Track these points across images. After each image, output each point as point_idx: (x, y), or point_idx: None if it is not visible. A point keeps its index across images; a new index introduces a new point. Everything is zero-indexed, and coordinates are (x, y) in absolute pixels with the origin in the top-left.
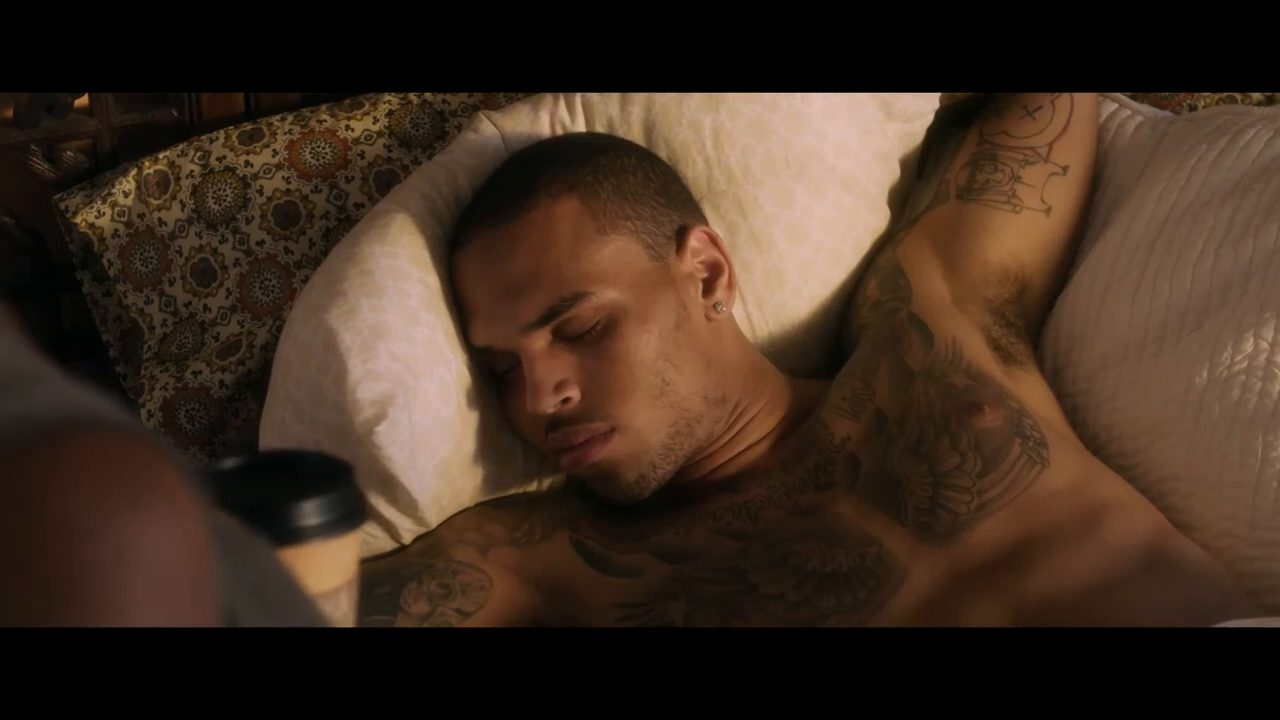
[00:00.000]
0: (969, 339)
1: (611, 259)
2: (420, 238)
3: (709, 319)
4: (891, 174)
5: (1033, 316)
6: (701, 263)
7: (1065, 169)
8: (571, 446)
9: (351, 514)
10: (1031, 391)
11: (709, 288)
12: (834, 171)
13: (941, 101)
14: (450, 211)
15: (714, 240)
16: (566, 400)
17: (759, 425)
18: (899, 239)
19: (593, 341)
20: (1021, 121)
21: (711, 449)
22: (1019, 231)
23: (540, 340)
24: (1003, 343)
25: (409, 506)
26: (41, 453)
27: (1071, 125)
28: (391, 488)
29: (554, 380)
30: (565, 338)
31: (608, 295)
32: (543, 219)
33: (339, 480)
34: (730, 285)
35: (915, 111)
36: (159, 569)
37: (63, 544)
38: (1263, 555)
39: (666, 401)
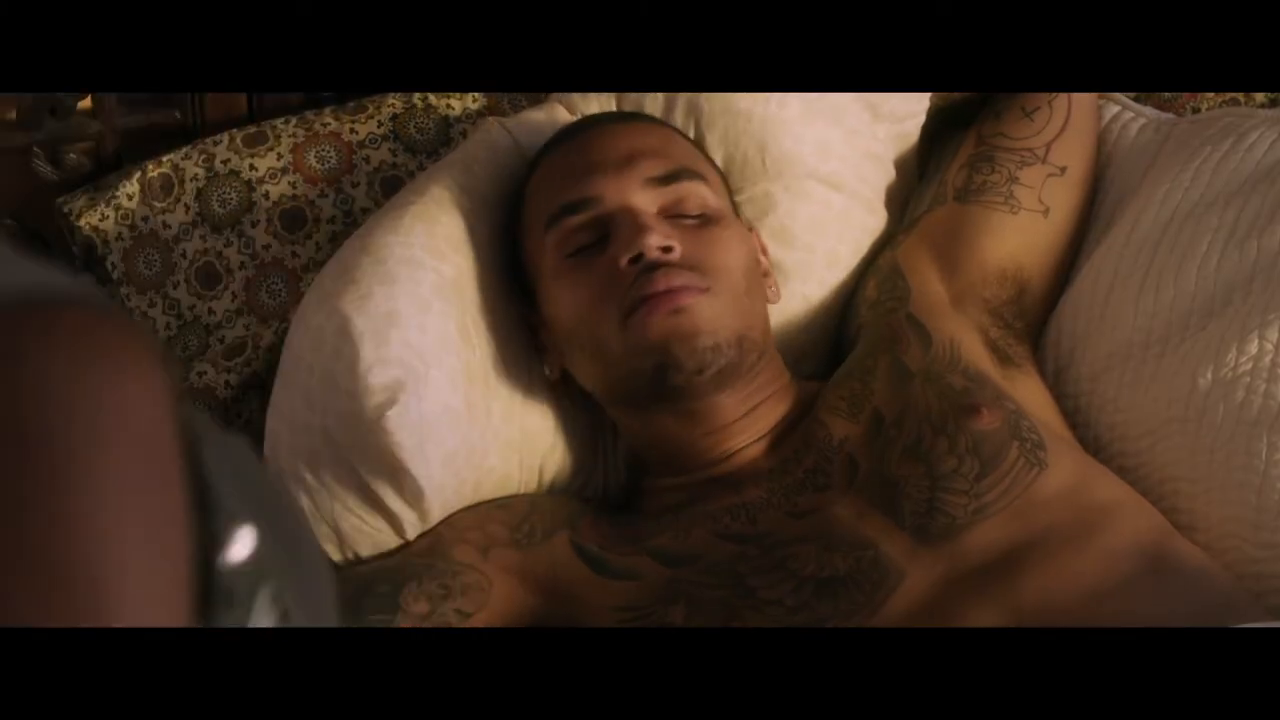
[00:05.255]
0: (967, 340)
1: (717, 182)
2: (434, 227)
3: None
4: (886, 174)
5: (1032, 319)
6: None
7: (1063, 170)
8: (664, 290)
9: None
10: (1029, 394)
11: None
12: (816, 173)
13: (940, 101)
14: (465, 205)
15: (764, 248)
16: (669, 249)
17: (767, 413)
18: (898, 241)
19: (694, 227)
20: (1019, 123)
21: (724, 422)
22: (1017, 233)
23: (653, 203)
24: (1000, 344)
25: (415, 497)
26: (16, 323)
27: (1070, 126)
28: (398, 477)
29: (663, 230)
30: (670, 216)
31: (714, 196)
32: (663, 126)
33: None
34: (774, 287)
35: (905, 112)
36: (125, 425)
37: (39, 407)
38: (1267, 557)
39: (744, 308)
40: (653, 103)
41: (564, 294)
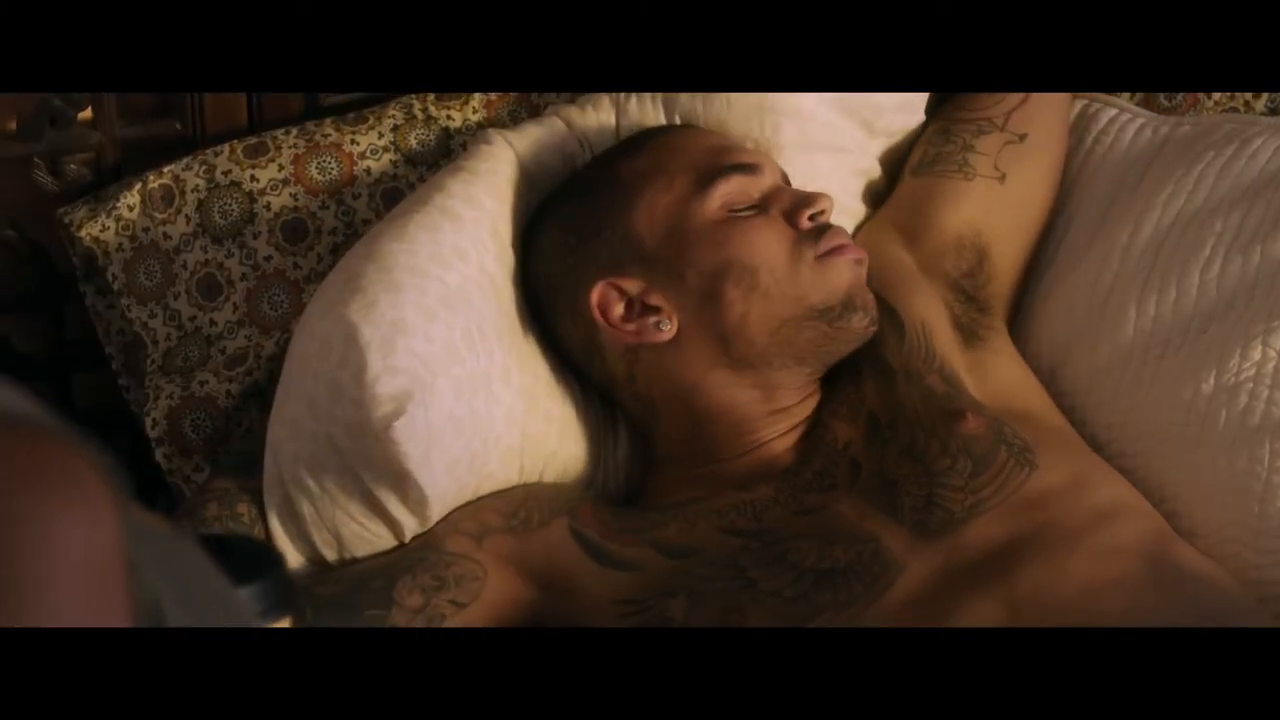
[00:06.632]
0: (937, 324)
1: None
2: (438, 235)
3: None
4: (875, 186)
5: (997, 288)
6: None
7: (1023, 137)
8: (849, 244)
9: (281, 602)
10: (1001, 374)
11: None
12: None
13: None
14: (468, 213)
15: None
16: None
17: (803, 408)
18: (862, 227)
19: None
20: (979, 97)
21: (785, 404)
22: (972, 199)
23: None
24: (964, 321)
25: (419, 505)
26: None
27: (1032, 97)
28: (403, 485)
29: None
30: None
31: None
32: None
33: (269, 568)
34: None
35: (899, 127)
36: (70, 558)
37: None
38: (1268, 564)
39: None
40: (654, 117)
41: (741, 238)
